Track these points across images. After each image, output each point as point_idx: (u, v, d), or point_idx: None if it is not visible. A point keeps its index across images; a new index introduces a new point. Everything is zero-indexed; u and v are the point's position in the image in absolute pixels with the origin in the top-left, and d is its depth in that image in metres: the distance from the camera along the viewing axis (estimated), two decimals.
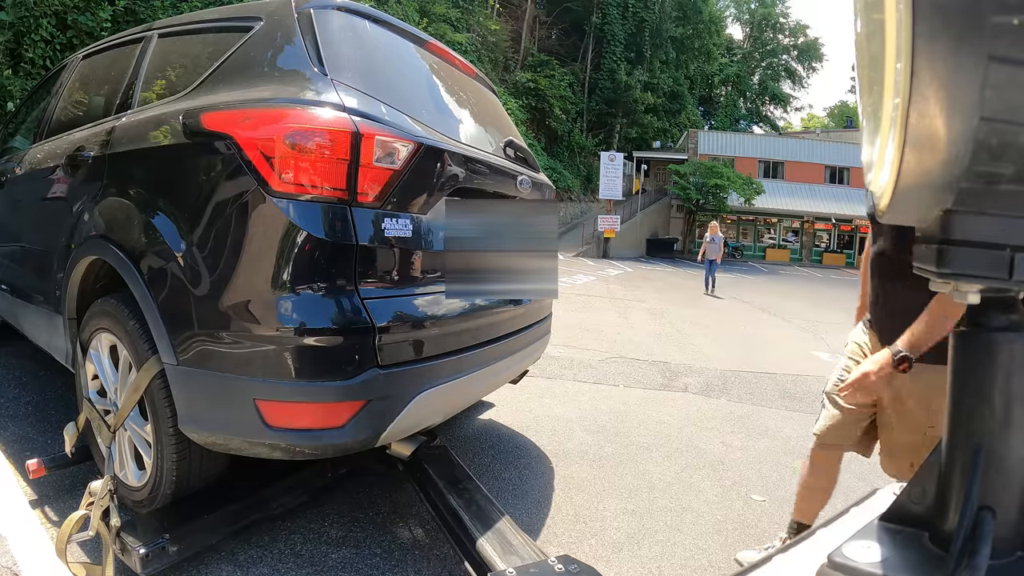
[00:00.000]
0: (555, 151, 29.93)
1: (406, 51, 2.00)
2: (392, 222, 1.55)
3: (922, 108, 0.41)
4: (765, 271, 23.07)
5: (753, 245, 31.63)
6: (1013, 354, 0.50)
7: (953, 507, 0.52)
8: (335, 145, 1.43)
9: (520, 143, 2.33)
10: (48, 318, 2.21)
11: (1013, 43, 0.37)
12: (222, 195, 1.49)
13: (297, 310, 1.41)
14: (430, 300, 1.69)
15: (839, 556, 0.55)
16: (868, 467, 2.95)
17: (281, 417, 1.44)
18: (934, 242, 0.47)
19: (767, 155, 30.94)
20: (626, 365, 4.86)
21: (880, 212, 0.51)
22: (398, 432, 1.63)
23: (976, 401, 0.52)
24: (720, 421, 3.56)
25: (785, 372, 5.05)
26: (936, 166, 0.43)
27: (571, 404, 3.64)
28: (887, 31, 0.43)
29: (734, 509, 2.39)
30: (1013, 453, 0.51)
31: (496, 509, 1.71)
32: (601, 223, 21.91)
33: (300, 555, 1.79)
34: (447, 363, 1.71)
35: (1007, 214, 0.44)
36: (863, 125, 0.52)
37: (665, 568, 1.94)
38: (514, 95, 25.64)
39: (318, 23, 1.65)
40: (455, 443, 2.75)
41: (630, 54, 34.07)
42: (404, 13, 17.58)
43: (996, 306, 0.51)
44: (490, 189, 1.97)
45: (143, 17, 7.98)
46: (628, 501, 2.38)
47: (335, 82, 1.55)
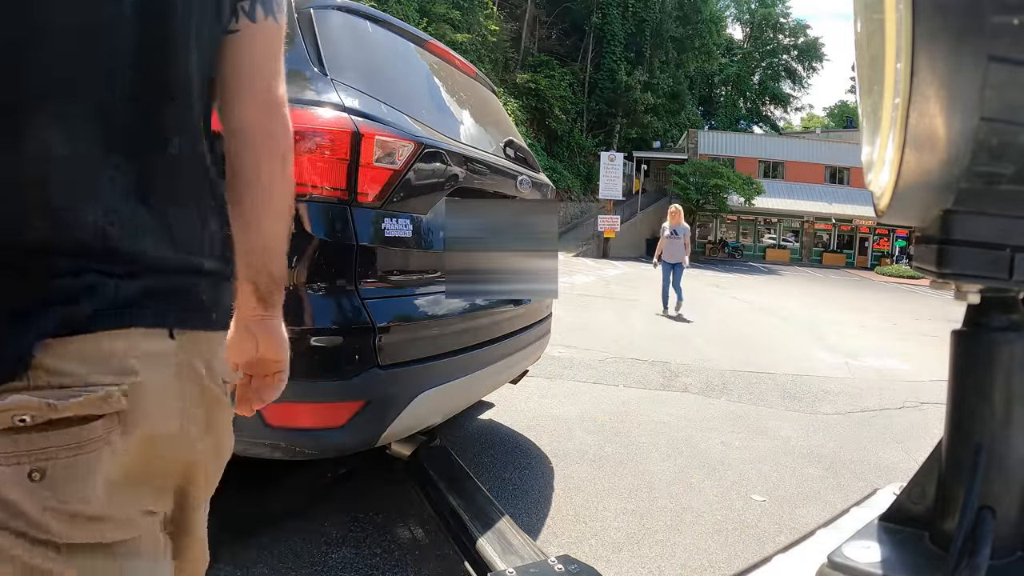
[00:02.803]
0: (555, 151, 29.93)
1: (406, 51, 2.00)
2: (392, 222, 1.55)
3: (922, 108, 0.41)
4: (765, 271, 23.08)
5: (753, 245, 31.65)
6: (1013, 354, 0.50)
7: (953, 507, 0.52)
8: (335, 145, 1.43)
9: (520, 143, 2.33)
10: None
11: (1013, 43, 0.37)
12: None
13: (297, 310, 1.41)
14: (430, 300, 1.69)
15: (839, 556, 0.55)
16: (868, 467, 2.95)
17: (281, 417, 1.44)
18: (934, 242, 0.47)
19: (767, 155, 30.97)
20: (626, 365, 4.86)
21: (880, 212, 0.51)
22: (398, 432, 1.63)
23: (976, 401, 0.52)
24: (720, 421, 3.56)
25: (785, 372, 5.05)
26: (936, 166, 0.43)
27: (571, 404, 3.64)
28: (887, 31, 0.43)
29: (734, 509, 2.39)
30: (1013, 453, 0.51)
31: (496, 509, 1.70)
32: (601, 223, 21.91)
33: (300, 555, 1.79)
34: (447, 363, 1.71)
35: (1007, 214, 0.44)
36: (863, 125, 0.52)
37: (665, 568, 1.94)
38: (514, 95, 25.64)
39: (318, 23, 1.65)
40: (455, 443, 2.75)
41: (630, 54, 34.07)
42: (404, 13, 17.61)
43: (996, 306, 0.51)
44: (490, 189, 1.97)
45: None
46: (628, 501, 2.38)
47: (335, 82, 1.55)
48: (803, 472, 2.82)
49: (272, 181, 0.74)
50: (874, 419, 3.84)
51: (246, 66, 0.71)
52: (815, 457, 3.03)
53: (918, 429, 3.67)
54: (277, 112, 0.73)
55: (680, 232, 7.89)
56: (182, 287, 0.59)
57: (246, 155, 0.72)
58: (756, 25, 47.95)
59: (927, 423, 3.80)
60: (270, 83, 0.72)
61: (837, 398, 4.31)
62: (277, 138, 0.74)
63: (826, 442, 3.29)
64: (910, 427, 3.71)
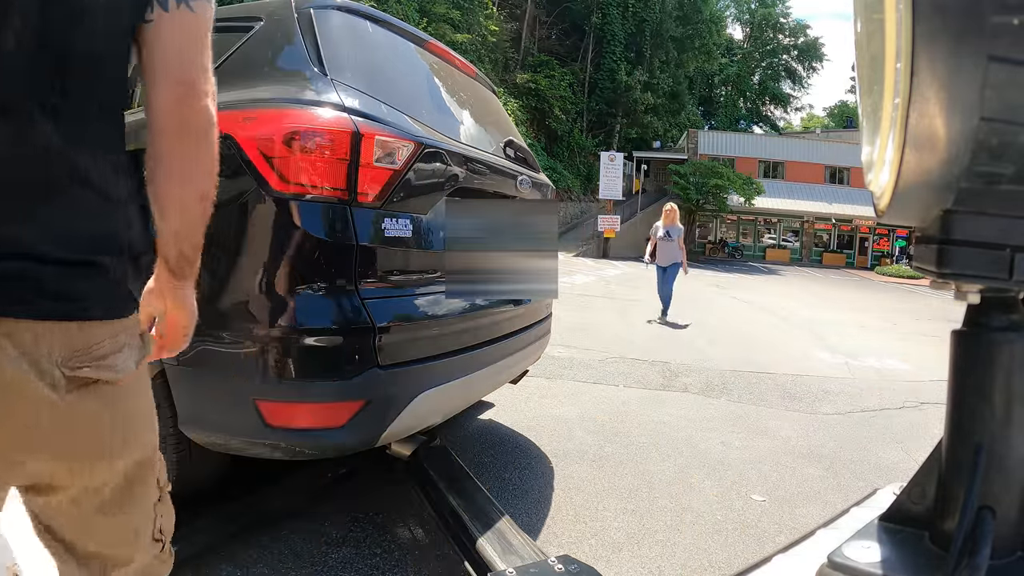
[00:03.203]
0: (555, 151, 29.93)
1: (406, 51, 2.00)
2: (392, 222, 1.55)
3: (922, 108, 0.41)
4: (765, 271, 23.08)
5: (753, 245, 31.64)
6: (1013, 354, 0.50)
7: (953, 507, 0.52)
8: (335, 145, 1.43)
9: (520, 143, 2.33)
10: None
11: (1013, 43, 0.37)
12: (221, 195, 1.47)
13: (297, 310, 1.41)
14: (430, 300, 1.69)
15: (839, 556, 0.55)
16: (868, 467, 2.95)
17: (281, 417, 1.44)
18: (934, 242, 0.47)
19: (767, 155, 30.96)
20: (626, 365, 4.86)
21: (880, 212, 0.51)
22: (398, 432, 1.63)
23: (976, 401, 0.52)
24: (720, 421, 3.56)
25: (785, 372, 5.05)
26: (936, 166, 0.43)
27: (571, 404, 3.64)
28: (887, 31, 0.43)
29: (734, 509, 2.39)
30: (1013, 453, 0.51)
31: (496, 509, 1.70)
32: (601, 223, 21.91)
33: (300, 555, 1.79)
34: (447, 363, 1.71)
35: (1007, 214, 0.44)
36: (863, 125, 0.52)
37: (665, 568, 1.94)
38: (514, 95, 25.64)
39: (318, 23, 1.65)
40: (455, 443, 2.75)
41: (630, 54, 34.07)
42: (404, 13, 17.60)
43: (996, 306, 0.51)
44: (490, 189, 1.97)
45: None
46: (628, 501, 2.38)
47: (335, 82, 1.55)
48: (803, 472, 2.82)
49: (184, 170, 0.75)
50: (874, 419, 3.84)
51: (159, 54, 0.72)
52: (815, 457, 3.03)
53: (918, 429, 3.67)
54: (192, 102, 0.73)
55: (674, 233, 7.21)
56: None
57: (159, 142, 0.73)
58: (756, 25, 47.94)
59: (927, 423, 3.80)
60: (187, 72, 0.72)
61: (837, 398, 4.31)
62: (190, 128, 0.73)
63: (826, 442, 3.29)
64: (910, 427, 3.71)
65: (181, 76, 0.72)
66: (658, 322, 7.29)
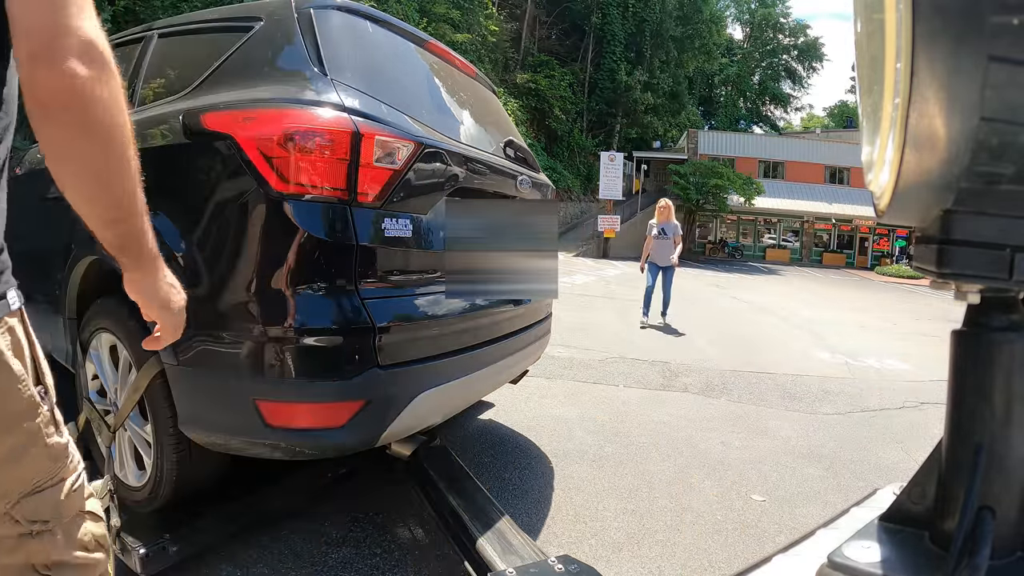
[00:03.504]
0: (555, 151, 29.93)
1: (406, 51, 2.00)
2: (392, 222, 1.55)
3: (922, 108, 0.41)
4: (765, 271, 23.07)
5: (753, 245, 31.63)
6: (1013, 354, 0.50)
7: (953, 507, 0.52)
8: (335, 145, 1.43)
9: (520, 143, 2.33)
10: (48, 318, 2.21)
11: (1013, 43, 0.37)
12: (222, 195, 1.49)
13: (297, 310, 1.41)
14: (430, 300, 1.69)
15: (839, 556, 0.55)
16: (868, 467, 2.95)
17: (281, 417, 1.44)
18: (934, 242, 0.47)
19: (767, 155, 30.94)
20: (626, 365, 4.86)
21: (880, 212, 0.51)
22: (398, 432, 1.63)
23: (976, 401, 0.52)
24: (720, 421, 3.56)
25: (785, 372, 5.05)
26: (936, 166, 0.43)
27: (571, 404, 3.64)
28: (887, 31, 0.43)
29: (734, 509, 2.39)
30: (1013, 453, 0.51)
31: (496, 509, 1.71)
32: (601, 223, 21.91)
33: (300, 555, 1.79)
34: (447, 363, 1.71)
35: (1007, 214, 0.44)
36: (863, 125, 0.52)
37: (665, 568, 1.94)
38: (514, 95, 25.64)
39: (318, 23, 1.65)
40: (455, 443, 2.75)
41: (630, 54, 34.07)
42: (404, 13, 17.59)
43: (996, 306, 0.51)
44: (490, 189, 1.97)
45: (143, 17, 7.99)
46: (628, 501, 2.38)
47: (335, 82, 1.55)
48: (803, 472, 2.82)
49: (66, 154, 0.62)
50: (874, 419, 3.84)
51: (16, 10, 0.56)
52: (815, 457, 3.03)
53: (918, 429, 3.67)
54: (47, 64, 0.56)
55: (669, 231, 6.77)
56: None
57: (35, 127, 0.60)
58: (756, 25, 47.94)
59: (927, 423, 3.80)
60: (35, 22, 0.55)
61: (837, 398, 4.31)
62: (48, 100, 0.58)
63: (826, 442, 3.29)
64: (910, 427, 3.71)
65: (29, 27, 0.56)
66: (651, 325, 6.93)
